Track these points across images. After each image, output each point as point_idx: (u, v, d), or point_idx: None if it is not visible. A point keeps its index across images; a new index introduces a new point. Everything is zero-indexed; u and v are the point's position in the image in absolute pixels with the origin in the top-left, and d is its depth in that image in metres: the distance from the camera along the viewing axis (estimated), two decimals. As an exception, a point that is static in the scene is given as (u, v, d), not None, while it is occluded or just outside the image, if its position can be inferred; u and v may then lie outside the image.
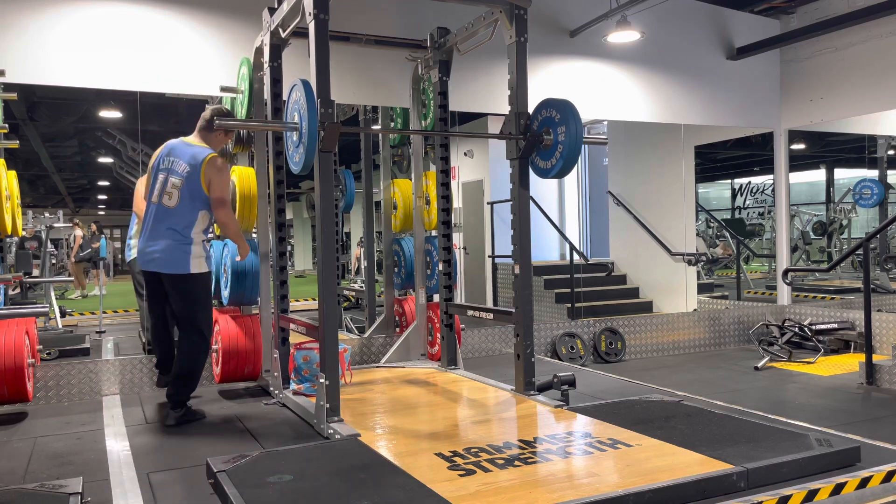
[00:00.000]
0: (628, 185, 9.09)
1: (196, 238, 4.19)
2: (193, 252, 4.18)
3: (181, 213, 4.16)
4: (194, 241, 4.18)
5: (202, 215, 4.21)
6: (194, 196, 4.17)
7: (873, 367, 5.20)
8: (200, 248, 4.21)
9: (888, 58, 6.53)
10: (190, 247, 4.17)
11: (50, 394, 4.84)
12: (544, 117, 4.23)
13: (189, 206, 4.17)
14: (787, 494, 2.71)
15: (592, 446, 3.25)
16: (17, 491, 2.87)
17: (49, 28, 4.81)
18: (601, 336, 6.60)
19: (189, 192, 4.16)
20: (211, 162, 4.19)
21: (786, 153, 7.52)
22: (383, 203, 6.42)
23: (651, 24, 6.64)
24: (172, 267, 4.15)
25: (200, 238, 4.21)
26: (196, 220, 4.19)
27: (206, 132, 4.35)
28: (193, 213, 4.18)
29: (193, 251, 4.18)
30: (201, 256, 4.22)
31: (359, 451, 3.26)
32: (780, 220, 7.67)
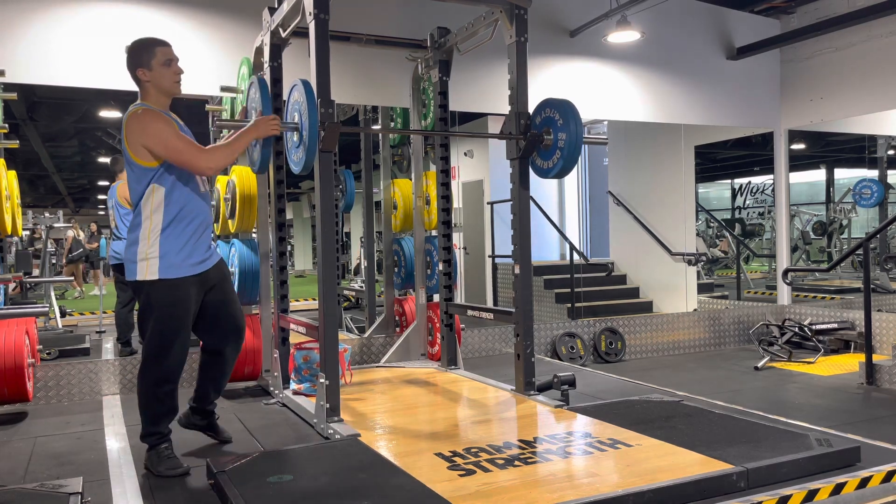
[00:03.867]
0: (628, 185, 9.09)
1: (144, 230, 3.14)
2: (139, 251, 3.15)
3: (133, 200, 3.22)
4: (140, 236, 3.15)
5: (150, 193, 3.14)
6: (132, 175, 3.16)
7: (873, 367, 5.20)
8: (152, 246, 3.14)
9: (888, 58, 6.53)
10: (136, 244, 3.16)
11: (50, 394, 4.84)
12: (544, 117, 4.23)
13: (133, 188, 3.18)
14: (787, 494, 2.71)
15: (592, 446, 3.25)
16: (17, 491, 2.87)
17: (49, 28, 4.81)
18: (601, 336, 6.60)
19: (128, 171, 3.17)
20: (130, 119, 3.12)
21: (786, 153, 7.52)
22: (383, 203, 6.42)
23: (651, 24, 6.64)
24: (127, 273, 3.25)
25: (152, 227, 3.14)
26: (142, 205, 3.15)
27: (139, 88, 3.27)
28: (138, 197, 3.17)
29: (139, 250, 3.15)
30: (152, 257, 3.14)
31: (359, 451, 3.26)
32: (780, 220, 7.67)
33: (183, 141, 3.15)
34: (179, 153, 3.12)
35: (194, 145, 3.19)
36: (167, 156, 3.11)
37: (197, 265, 3.25)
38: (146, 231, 3.14)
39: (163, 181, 3.15)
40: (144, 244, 3.14)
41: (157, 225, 3.14)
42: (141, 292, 3.21)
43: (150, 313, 3.20)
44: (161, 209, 3.15)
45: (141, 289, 3.19)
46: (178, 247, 3.18)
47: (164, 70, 3.20)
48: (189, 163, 3.14)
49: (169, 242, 3.16)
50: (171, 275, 3.17)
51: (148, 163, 3.12)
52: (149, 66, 3.18)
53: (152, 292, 3.17)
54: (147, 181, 3.14)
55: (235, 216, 5.07)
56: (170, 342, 3.24)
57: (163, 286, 3.17)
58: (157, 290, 3.17)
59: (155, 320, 3.20)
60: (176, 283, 3.19)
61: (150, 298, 3.19)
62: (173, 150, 3.11)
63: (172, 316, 3.23)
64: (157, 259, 3.14)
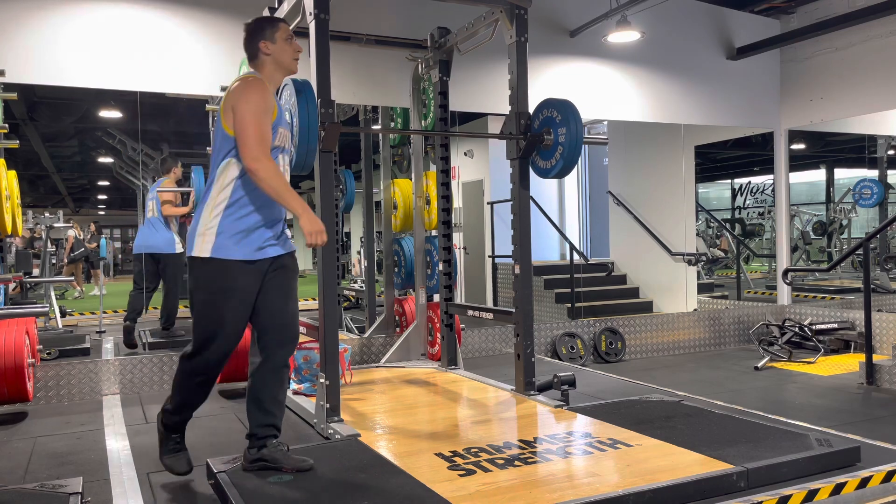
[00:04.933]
0: (628, 185, 9.10)
1: (211, 203, 2.93)
2: (201, 223, 2.93)
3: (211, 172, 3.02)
4: (205, 209, 2.94)
5: (226, 166, 2.94)
6: (216, 140, 3.00)
7: (873, 367, 5.20)
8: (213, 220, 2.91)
9: (888, 58, 6.53)
10: (199, 216, 2.95)
11: (50, 394, 4.84)
12: (544, 117, 4.23)
13: (214, 158, 3.00)
14: (787, 494, 2.71)
15: (592, 446, 3.25)
16: (17, 491, 2.87)
17: (49, 28, 4.81)
18: (601, 336, 6.59)
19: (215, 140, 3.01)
20: (238, 82, 2.98)
21: (786, 153, 7.51)
22: (383, 203, 6.42)
23: (651, 24, 6.64)
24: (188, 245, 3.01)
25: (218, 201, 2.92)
26: (217, 175, 2.96)
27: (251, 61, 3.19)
28: (215, 168, 2.98)
29: (201, 222, 2.93)
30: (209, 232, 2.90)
31: (359, 451, 3.26)
32: (780, 220, 7.67)
33: (260, 129, 2.87)
34: (243, 137, 2.85)
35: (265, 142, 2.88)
36: (238, 128, 2.86)
37: (257, 251, 2.95)
38: (211, 204, 2.92)
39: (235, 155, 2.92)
40: (206, 217, 2.91)
41: (223, 200, 2.91)
42: (193, 268, 2.95)
43: (197, 296, 2.96)
44: (232, 185, 2.91)
45: (194, 264, 2.93)
46: (239, 228, 2.91)
47: (287, 45, 3.14)
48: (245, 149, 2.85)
49: (229, 221, 2.90)
50: (224, 255, 2.89)
51: (231, 131, 2.91)
52: (273, 40, 3.11)
53: (202, 273, 2.92)
54: (226, 151, 2.93)
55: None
56: (212, 332, 2.95)
57: (213, 268, 2.90)
58: (207, 272, 2.91)
59: (201, 304, 2.97)
60: (228, 266, 2.90)
61: (199, 280, 2.94)
62: (243, 131, 2.85)
63: (218, 303, 2.93)
64: (214, 235, 2.89)
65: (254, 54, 3.13)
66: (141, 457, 3.55)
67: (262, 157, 2.84)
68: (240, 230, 2.91)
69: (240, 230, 2.91)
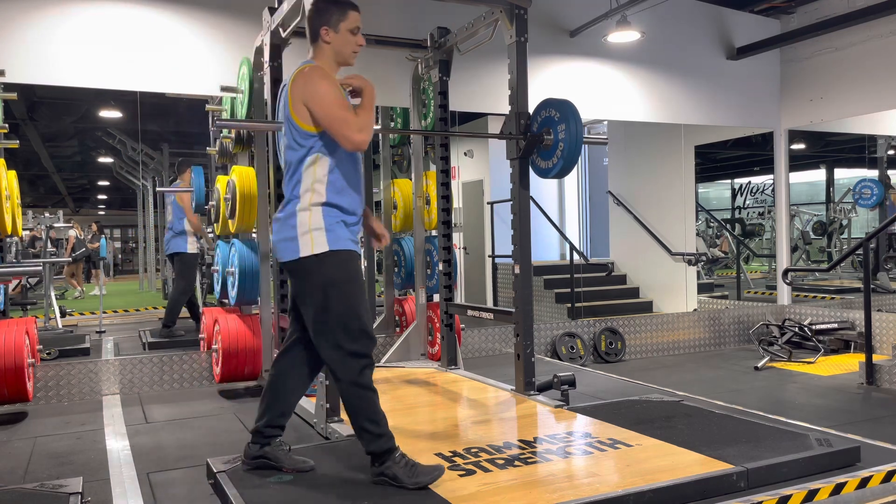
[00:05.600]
0: (628, 185, 9.10)
1: (304, 201, 2.84)
2: (300, 223, 2.83)
3: (288, 172, 2.93)
4: (299, 208, 2.84)
5: (312, 162, 2.85)
6: (291, 137, 2.90)
7: (873, 367, 5.20)
8: (315, 216, 2.82)
9: (888, 58, 6.53)
10: (295, 217, 2.85)
11: (50, 394, 4.84)
12: (544, 117, 4.23)
13: (292, 156, 2.90)
14: (787, 494, 2.71)
15: (592, 446, 3.25)
16: (17, 491, 2.87)
17: (49, 28, 4.80)
18: (601, 336, 6.59)
19: (287, 136, 2.93)
20: (297, 77, 2.87)
21: (786, 153, 7.52)
22: (383, 203, 6.41)
23: (651, 24, 6.64)
24: (280, 253, 2.91)
25: (314, 199, 2.84)
26: (302, 173, 2.87)
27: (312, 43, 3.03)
28: (298, 165, 2.88)
29: (300, 222, 2.83)
30: (317, 229, 2.81)
31: (359, 451, 3.24)
32: (780, 220, 7.67)
33: (346, 111, 2.81)
34: (339, 123, 2.77)
35: (354, 118, 2.81)
36: (326, 122, 2.79)
37: (357, 242, 2.94)
38: (307, 202, 2.82)
39: (329, 150, 2.85)
40: (306, 216, 2.81)
41: (320, 197, 2.82)
42: (307, 272, 2.82)
43: (331, 291, 2.81)
44: (325, 181, 2.83)
45: (306, 267, 2.82)
46: (342, 220, 2.86)
47: (350, 37, 2.98)
48: (346, 137, 2.78)
49: (333, 215, 2.84)
50: (341, 246, 2.84)
51: (309, 127, 2.82)
52: (336, 28, 2.95)
53: (326, 267, 2.81)
54: (307, 148, 2.84)
55: (235, 216, 5.07)
56: (364, 313, 2.85)
57: (338, 258, 2.82)
58: (333, 264, 2.81)
59: (341, 296, 2.81)
60: (350, 255, 2.87)
61: (325, 275, 2.81)
62: (334, 119, 2.78)
63: (355, 285, 2.86)
64: (324, 231, 2.81)
65: (314, 37, 2.99)
66: (141, 457, 3.55)
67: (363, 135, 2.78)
68: (341, 221, 2.86)
69: (341, 221, 2.86)
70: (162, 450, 3.69)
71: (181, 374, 5.19)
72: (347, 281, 2.83)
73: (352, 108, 2.86)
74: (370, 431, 2.81)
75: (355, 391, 2.83)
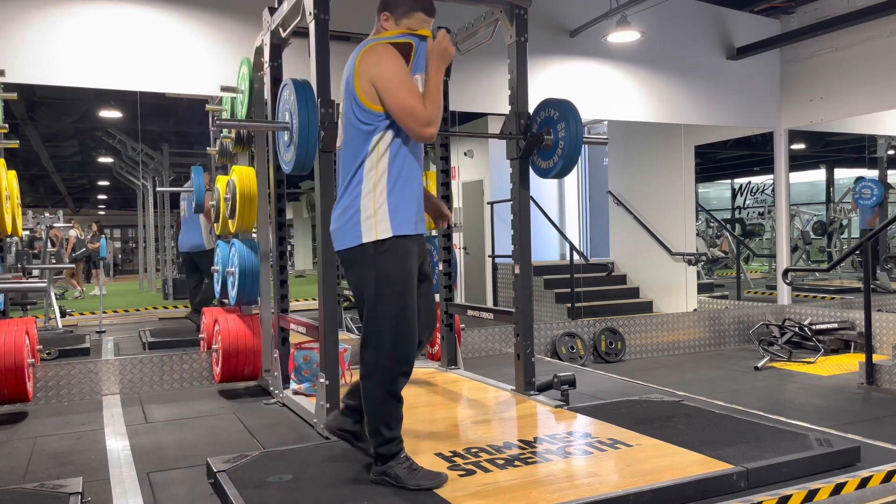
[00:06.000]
0: (628, 184, 9.09)
1: (368, 183, 2.72)
2: (363, 207, 2.72)
3: (347, 155, 2.80)
4: (363, 191, 2.72)
5: (377, 141, 2.73)
6: (353, 118, 2.77)
7: (873, 367, 5.20)
8: (380, 199, 2.71)
9: (888, 58, 6.53)
10: (358, 200, 2.73)
11: (50, 394, 4.84)
12: (544, 117, 4.23)
13: (353, 137, 2.78)
14: (787, 494, 2.71)
15: (592, 446, 3.25)
16: (17, 491, 2.87)
17: (49, 28, 4.81)
18: (601, 336, 6.59)
19: (348, 115, 2.79)
20: (366, 53, 2.75)
21: (786, 153, 7.52)
22: (383, 203, 6.40)
23: (651, 24, 6.64)
24: (339, 241, 2.80)
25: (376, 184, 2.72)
26: (366, 155, 2.74)
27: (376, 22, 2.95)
28: (361, 145, 2.75)
29: (363, 206, 2.72)
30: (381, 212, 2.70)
31: (359, 451, 3.25)
32: (780, 220, 7.67)
33: (415, 98, 2.69)
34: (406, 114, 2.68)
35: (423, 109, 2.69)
36: (392, 108, 2.68)
37: (420, 223, 2.84)
38: (372, 184, 2.70)
39: (396, 130, 2.73)
40: (370, 199, 2.69)
41: (382, 176, 2.71)
42: (364, 262, 2.72)
43: (384, 289, 2.70)
44: (386, 160, 2.72)
45: (365, 256, 2.71)
46: (407, 201, 2.75)
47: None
48: (412, 129, 2.70)
49: (397, 195, 2.72)
50: (405, 231, 2.72)
51: (375, 106, 2.71)
52: (398, 21, 2.87)
53: (384, 260, 2.70)
54: (373, 127, 2.72)
55: (235, 216, 5.07)
56: (411, 312, 2.74)
57: (397, 252, 2.71)
58: (391, 258, 2.70)
59: (393, 288, 2.70)
60: (409, 243, 2.75)
61: (381, 269, 2.70)
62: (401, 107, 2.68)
63: (409, 280, 2.74)
64: (388, 214, 2.69)
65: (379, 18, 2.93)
66: (141, 457, 3.55)
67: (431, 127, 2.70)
68: (405, 201, 2.75)
69: (405, 201, 2.75)
70: (162, 450, 3.69)
71: (181, 374, 5.19)
72: (403, 279, 2.72)
73: (419, 95, 2.73)
74: (383, 435, 2.75)
75: (383, 396, 2.75)
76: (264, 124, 4.74)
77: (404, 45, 2.79)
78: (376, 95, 2.70)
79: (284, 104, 3.75)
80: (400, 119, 2.69)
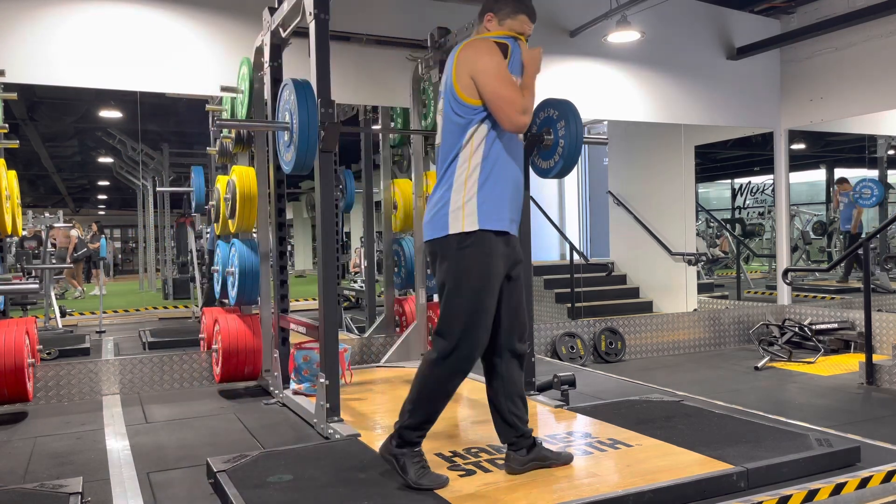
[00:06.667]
0: (628, 184, 9.10)
1: (461, 176, 2.74)
2: (453, 198, 2.73)
3: (443, 149, 2.82)
4: (455, 184, 2.74)
5: (472, 134, 2.75)
6: (450, 112, 2.79)
7: (873, 367, 5.20)
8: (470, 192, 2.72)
9: (888, 58, 6.53)
10: (450, 192, 2.75)
11: (50, 394, 4.84)
12: (544, 117, 4.22)
13: (449, 131, 2.80)
14: (787, 494, 2.71)
15: (592, 446, 3.25)
16: (17, 491, 2.87)
17: (49, 28, 4.80)
18: (601, 336, 6.59)
19: (446, 111, 2.81)
20: (465, 48, 2.79)
21: (786, 153, 7.52)
22: (383, 203, 6.41)
23: (651, 24, 6.64)
24: (428, 231, 2.82)
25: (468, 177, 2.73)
26: (460, 149, 2.76)
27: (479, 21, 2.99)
28: (456, 139, 2.77)
29: (453, 198, 2.74)
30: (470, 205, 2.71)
31: (359, 451, 3.25)
32: (780, 220, 7.67)
33: (513, 90, 2.73)
34: (504, 103, 2.70)
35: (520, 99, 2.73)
36: (489, 99, 2.71)
37: (512, 223, 2.83)
38: (464, 177, 2.72)
39: (492, 123, 2.76)
40: (460, 192, 2.71)
41: (475, 170, 2.73)
42: (449, 254, 2.73)
43: (465, 284, 2.71)
44: (480, 154, 2.74)
45: (450, 246, 2.72)
46: (498, 198, 2.75)
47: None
48: (509, 118, 2.72)
49: (488, 190, 2.72)
50: (493, 226, 2.72)
51: (472, 100, 2.73)
52: (501, 21, 2.91)
53: (469, 250, 2.70)
54: (468, 120, 2.75)
55: (235, 216, 5.07)
56: (485, 310, 2.73)
57: (483, 242, 2.71)
58: (475, 254, 2.71)
59: (471, 283, 2.71)
60: (495, 242, 2.74)
61: (465, 258, 2.70)
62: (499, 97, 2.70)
63: (490, 279, 2.73)
64: (476, 208, 2.70)
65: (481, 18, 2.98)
66: (141, 457, 3.55)
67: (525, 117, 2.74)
68: (496, 197, 2.74)
69: (496, 197, 2.74)
70: (162, 450, 3.69)
71: (181, 374, 5.19)
72: (482, 277, 2.71)
73: (517, 88, 2.77)
74: (416, 419, 2.77)
75: (435, 387, 2.76)
76: (264, 124, 4.74)
77: (501, 45, 2.84)
78: (474, 89, 2.73)
79: (284, 104, 3.75)
80: (497, 107, 2.71)
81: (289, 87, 3.66)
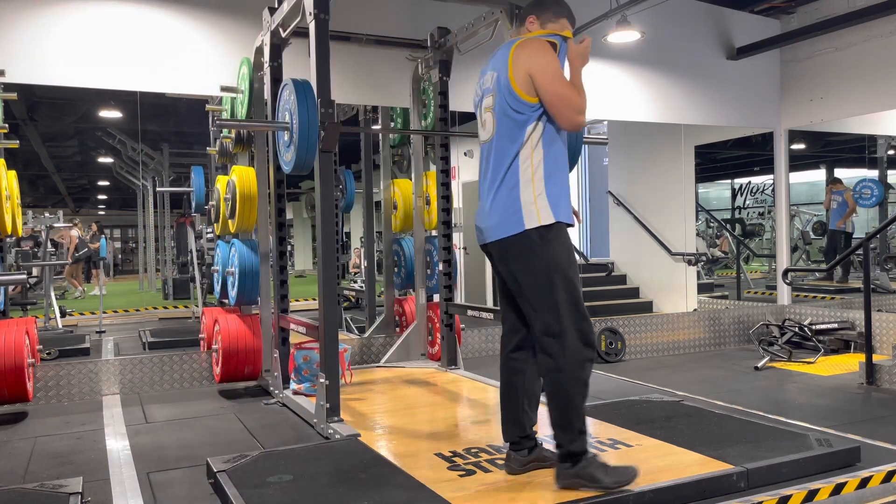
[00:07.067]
0: (628, 185, 9.09)
1: (525, 173, 2.75)
2: (523, 195, 2.74)
3: (500, 147, 2.82)
4: (521, 181, 2.75)
5: (531, 131, 2.77)
6: (507, 109, 2.80)
7: (873, 367, 5.19)
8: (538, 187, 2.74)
9: (888, 58, 6.53)
10: (517, 190, 2.75)
11: (50, 394, 4.84)
12: (544, 117, 4.23)
13: (507, 129, 2.80)
14: (787, 494, 2.71)
15: (592, 446, 3.24)
16: (17, 491, 2.87)
17: (49, 28, 4.80)
18: (601, 336, 6.59)
19: (501, 107, 2.82)
20: (520, 46, 2.81)
21: (786, 153, 7.51)
22: (383, 203, 6.41)
23: (651, 24, 6.64)
24: (499, 230, 2.79)
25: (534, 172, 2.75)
26: (521, 146, 2.77)
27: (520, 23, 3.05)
28: (515, 137, 2.78)
29: (523, 195, 2.74)
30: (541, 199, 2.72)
31: (359, 451, 3.26)
32: (780, 220, 7.67)
33: (570, 89, 2.76)
34: (562, 102, 2.73)
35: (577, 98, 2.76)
36: (548, 97, 2.73)
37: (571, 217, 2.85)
38: (529, 173, 2.74)
39: (545, 120, 2.77)
40: (529, 188, 2.72)
41: (539, 166, 2.75)
42: (531, 250, 2.71)
43: (556, 277, 2.70)
44: (541, 151, 2.76)
45: (531, 243, 2.71)
46: (563, 191, 2.80)
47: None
48: (567, 117, 2.75)
49: (553, 184, 2.76)
50: (564, 218, 2.76)
51: (530, 98, 2.75)
52: (543, 24, 2.96)
53: (553, 248, 2.71)
54: (526, 118, 2.76)
55: (235, 216, 5.07)
56: (581, 297, 2.75)
57: (561, 239, 2.74)
58: (558, 246, 2.73)
59: (564, 274, 2.72)
60: (567, 235, 2.77)
61: (550, 258, 2.70)
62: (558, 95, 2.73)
63: (575, 266, 2.77)
64: (548, 202, 2.72)
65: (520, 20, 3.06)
66: (141, 457, 3.55)
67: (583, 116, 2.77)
68: (561, 191, 2.79)
69: (561, 191, 2.79)
70: (162, 450, 3.69)
71: (181, 374, 5.19)
72: (570, 265, 2.75)
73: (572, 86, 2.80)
74: (576, 429, 2.66)
75: (574, 385, 2.67)
76: (264, 124, 4.75)
77: (551, 43, 2.89)
78: (531, 86, 2.76)
79: (284, 104, 3.75)
80: (556, 107, 2.74)
81: (289, 87, 3.66)
